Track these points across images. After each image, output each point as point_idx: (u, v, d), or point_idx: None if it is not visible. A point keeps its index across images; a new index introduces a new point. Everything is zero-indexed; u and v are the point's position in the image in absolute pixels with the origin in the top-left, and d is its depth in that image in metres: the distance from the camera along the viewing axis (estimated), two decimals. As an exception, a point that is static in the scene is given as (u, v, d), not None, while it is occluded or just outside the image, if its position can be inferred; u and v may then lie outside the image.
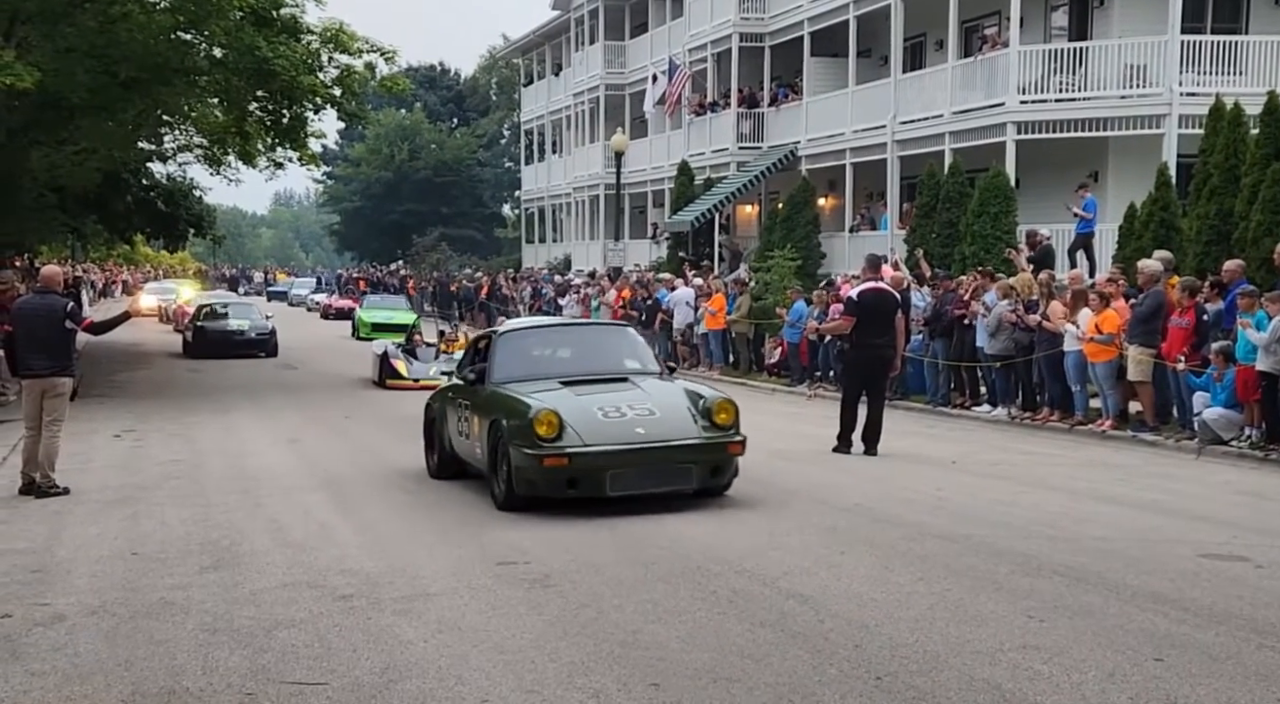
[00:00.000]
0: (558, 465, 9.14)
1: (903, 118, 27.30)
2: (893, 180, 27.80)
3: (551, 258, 47.03)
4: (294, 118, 23.88)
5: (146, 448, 14.06)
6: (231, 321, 28.93)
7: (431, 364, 20.96)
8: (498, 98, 72.49)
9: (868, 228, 28.93)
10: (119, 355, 27.73)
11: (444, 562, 8.04)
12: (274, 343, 28.37)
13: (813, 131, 30.85)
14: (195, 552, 8.45)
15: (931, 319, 17.39)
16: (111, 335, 14.53)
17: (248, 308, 31.28)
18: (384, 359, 21.25)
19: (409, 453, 13.66)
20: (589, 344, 10.96)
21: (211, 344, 27.77)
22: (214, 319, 29.25)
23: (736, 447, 9.53)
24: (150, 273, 71.76)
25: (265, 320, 29.31)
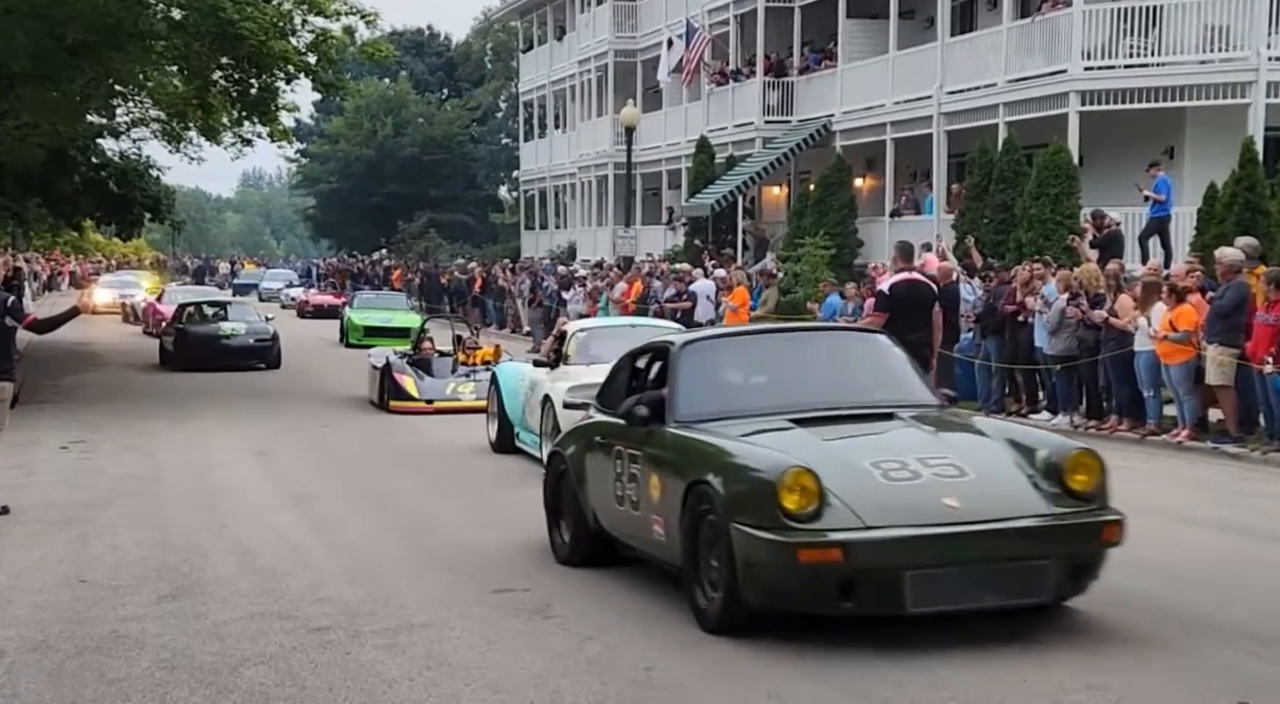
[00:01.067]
0: (824, 561, 6.32)
1: (951, 87, 27.25)
2: (939, 158, 27.74)
3: (554, 246, 47.03)
4: (263, 88, 23.92)
5: (97, 461, 14.08)
6: (223, 324, 26.23)
7: (449, 380, 18.47)
8: (493, 66, 72.58)
9: (911, 212, 28.88)
10: (66, 357, 27.77)
11: (432, 589, 8.05)
12: (276, 351, 25.69)
13: (849, 103, 30.81)
14: (151, 578, 8.46)
15: (983, 315, 17.36)
16: (57, 334, 14.56)
17: (242, 308, 29.07)
18: (386, 374, 18.51)
19: (393, 468, 13.69)
20: (819, 359, 8.24)
21: (197, 352, 25.09)
22: (200, 321, 26.71)
23: (1113, 530, 6.69)
24: (102, 263, 71.98)
25: (265, 323, 26.81)
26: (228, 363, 24.79)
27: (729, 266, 25.79)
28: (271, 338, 25.78)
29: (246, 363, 25.16)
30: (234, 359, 25.05)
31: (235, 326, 26.07)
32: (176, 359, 25.19)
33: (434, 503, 11.37)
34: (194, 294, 33.82)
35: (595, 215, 44.13)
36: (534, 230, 51.97)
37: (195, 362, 24.65)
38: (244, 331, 25.89)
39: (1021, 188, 23.15)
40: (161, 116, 30.32)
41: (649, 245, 36.93)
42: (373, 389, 19.28)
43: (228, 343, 25.48)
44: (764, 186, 34.94)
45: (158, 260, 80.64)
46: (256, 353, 25.51)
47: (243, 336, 25.73)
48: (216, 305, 28.61)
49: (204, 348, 25.14)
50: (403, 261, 51.91)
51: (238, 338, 25.66)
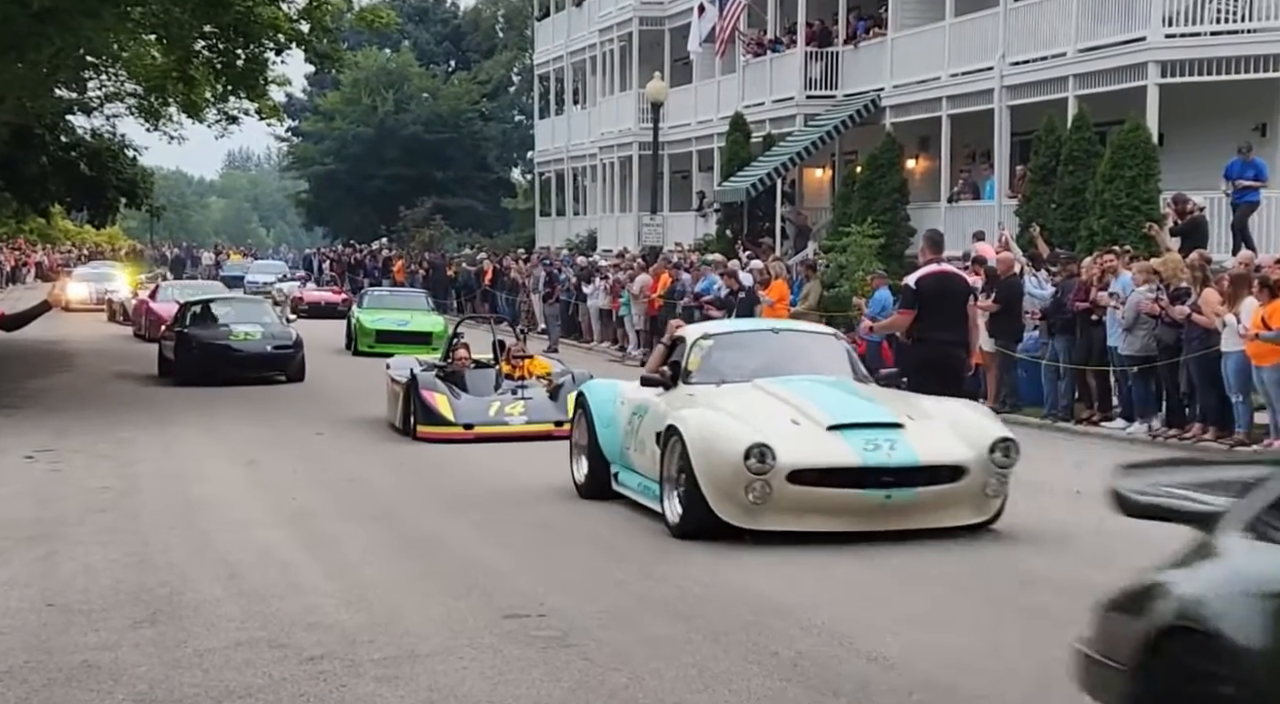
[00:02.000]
0: None
1: (1015, 57, 27.15)
2: (1001, 136, 27.66)
3: (572, 235, 47.08)
4: (250, 59, 24.03)
5: (66, 472, 14.13)
6: (235, 327, 24.01)
7: (492, 399, 16.44)
8: (505, 35, 72.68)
9: (969, 196, 28.80)
10: (32, 356, 27.92)
11: (438, 614, 8.05)
12: (299, 361, 23.67)
13: (900, 76, 30.73)
14: (126, 602, 8.48)
15: (1051, 311, 17.32)
16: (23, 332, 14.66)
17: (256, 307, 26.65)
18: (413, 392, 16.31)
19: (394, 478, 13.71)
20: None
21: (204, 361, 23.06)
22: (207, 324, 24.40)
23: None
24: (72, 253, 72.39)
25: (285, 326, 25.03)
26: (241, 374, 22.94)
27: (766, 258, 25.76)
28: (294, 344, 23.76)
29: (263, 374, 23.36)
30: (248, 370, 23.21)
31: (249, 330, 23.89)
32: (180, 370, 23.21)
33: (440, 518, 11.38)
34: (198, 291, 31.94)
35: (618, 201, 44.15)
36: (550, 217, 52.01)
37: (202, 372, 22.74)
38: (260, 336, 23.74)
39: (1094, 170, 23.04)
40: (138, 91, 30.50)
41: (677, 234, 36.94)
42: (394, 410, 17.21)
43: (241, 350, 23.44)
44: (805, 169, 34.87)
45: (134, 250, 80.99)
46: (275, 362, 23.59)
47: (259, 342, 23.64)
48: (227, 304, 26.51)
49: (212, 356, 23.16)
50: (405, 252, 52.01)
51: (253, 344, 23.59)
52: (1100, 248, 19.14)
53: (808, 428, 9.89)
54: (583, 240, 45.28)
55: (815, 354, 11.54)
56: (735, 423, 9.87)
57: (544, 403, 16.31)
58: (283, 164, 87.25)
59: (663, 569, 9.15)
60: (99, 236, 76.09)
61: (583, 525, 10.91)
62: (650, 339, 28.34)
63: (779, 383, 10.64)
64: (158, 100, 30.21)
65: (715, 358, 11.27)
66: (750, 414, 10.02)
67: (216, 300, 26.89)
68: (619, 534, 10.47)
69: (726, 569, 9.08)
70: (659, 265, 28.76)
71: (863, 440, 9.72)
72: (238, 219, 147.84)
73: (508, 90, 72.28)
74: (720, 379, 10.92)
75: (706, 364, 11.23)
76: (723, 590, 8.52)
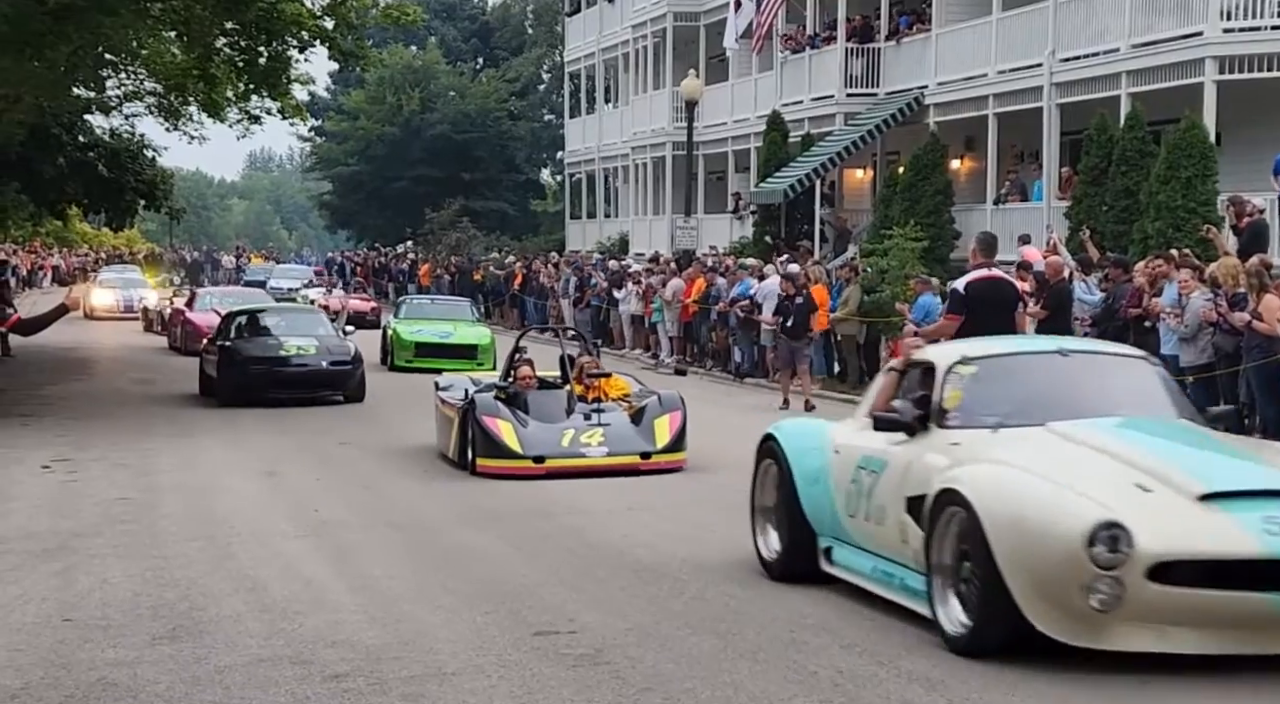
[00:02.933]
0: None
1: (1065, 53, 27.04)
2: (1050, 136, 27.55)
3: (603, 238, 47.10)
4: (273, 57, 24.12)
5: (84, 483, 14.20)
6: (286, 341, 22.23)
7: (565, 426, 14.37)
8: (534, 31, 72.82)
9: (1017, 198, 28.70)
10: (49, 362, 28.09)
11: (465, 630, 8.06)
12: (359, 378, 21.98)
13: (945, 73, 30.64)
14: (145, 617, 8.52)
15: (1102, 318, 17.22)
16: (40, 337, 14.75)
17: (309, 317, 24.83)
18: (471, 419, 14.30)
19: (420, 489, 13.74)
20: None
21: (251, 378, 21.31)
22: (254, 336, 22.76)
23: None
24: (89, 256, 72.77)
25: (341, 338, 23.05)
26: (294, 394, 21.29)
27: (805, 262, 25.72)
28: (352, 359, 21.95)
29: (318, 393, 21.64)
30: (301, 389, 21.46)
31: (303, 344, 22.02)
32: (224, 388, 21.50)
33: (468, 531, 11.39)
34: (240, 299, 30.70)
35: (651, 203, 44.14)
36: (580, 220, 52.04)
37: (249, 390, 21.08)
38: (314, 351, 21.87)
39: (1147, 170, 22.93)
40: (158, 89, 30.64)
41: (712, 237, 36.91)
42: (446, 438, 15.37)
43: (293, 367, 21.64)
44: (845, 170, 34.79)
45: (152, 253, 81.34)
46: (332, 380, 21.79)
47: (313, 358, 21.78)
48: (276, 314, 24.74)
49: (261, 373, 21.32)
50: (431, 255, 52.09)
51: (307, 359, 21.76)
52: (1154, 252, 19.02)
53: (1167, 498, 7.16)
54: (614, 244, 45.28)
55: (1125, 385, 8.80)
56: (1056, 489, 7.23)
57: (626, 430, 14.42)
58: (305, 165, 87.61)
59: (697, 585, 9.13)
60: (117, 239, 76.48)
61: (613, 539, 10.90)
62: (684, 346, 28.39)
63: (1090, 428, 7.94)
64: (178, 99, 30.34)
65: (984, 391, 8.49)
66: (1070, 474, 7.34)
67: (265, 310, 25.14)
68: (651, 549, 10.45)
69: (764, 585, 9.05)
70: (693, 270, 28.73)
71: (1259, 518, 7.04)
72: (259, 221, 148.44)
73: (537, 88, 72.38)
74: (997, 421, 8.16)
75: (972, 399, 8.43)
76: (760, 607, 8.51)
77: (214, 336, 23.37)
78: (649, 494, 13.12)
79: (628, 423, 14.53)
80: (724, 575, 9.42)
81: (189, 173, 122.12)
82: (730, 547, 10.14)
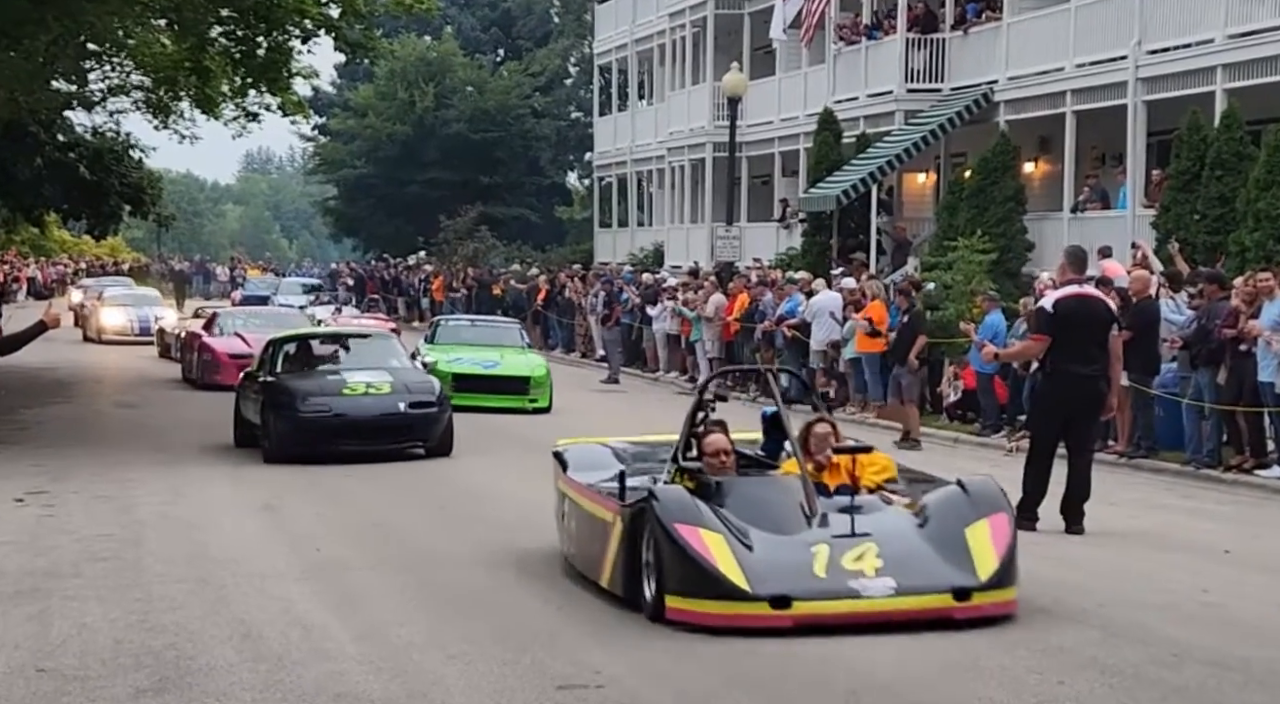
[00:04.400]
0: None
1: (1152, 45, 26.97)
2: (1135, 137, 27.47)
3: (635, 249, 47.14)
4: (273, 48, 24.27)
5: (62, 517, 14.22)
6: (348, 376, 19.12)
7: (810, 537, 9.48)
8: (561, 20, 73.06)
9: (1097, 205, 28.62)
10: (25, 384, 28.23)
11: (482, 683, 8.03)
12: (445, 424, 18.90)
13: (1017, 67, 30.60)
14: (129, 667, 8.50)
15: (1194, 340, 17.14)
16: (15, 357, 14.81)
17: (378, 345, 21.29)
18: (652, 528, 9.56)
19: (432, 525, 13.73)
20: None
21: (304, 425, 18.20)
22: (306, 370, 19.76)
23: None
24: (68, 268, 73.21)
25: (418, 369, 20.79)
26: (363, 445, 18.23)
27: (860, 275, 25.69)
28: (436, 400, 18.91)
29: (393, 444, 18.47)
30: (373, 439, 18.34)
31: (373, 380, 18.95)
32: (276, 441, 18.30)
33: (484, 574, 11.37)
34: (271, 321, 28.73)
35: (689, 209, 44.18)
36: (611, 228, 52.10)
37: (307, 441, 18.08)
38: (389, 389, 18.78)
39: (1245, 175, 22.85)
40: (146, 83, 30.85)
41: (757, 248, 36.91)
42: (590, 553, 10.77)
43: (359, 411, 18.49)
44: (905, 174, 34.77)
45: (138, 265, 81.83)
46: (411, 428, 18.67)
47: (388, 398, 18.68)
48: (333, 341, 21.81)
49: (319, 420, 18.18)
50: (446, 267, 52.24)
51: (376, 400, 18.68)
52: (1253, 266, 18.92)
53: None
54: (648, 255, 45.31)
55: None
56: None
57: (914, 545, 9.49)
58: (307, 167, 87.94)
59: (739, 637, 9.07)
60: (99, 249, 76.91)
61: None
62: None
63: None
64: (168, 94, 30.55)
65: None
66: None
67: (320, 336, 22.37)
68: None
69: (815, 636, 8.98)
70: (736, 284, 28.74)
71: None
72: (256, 229, 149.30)
73: (564, 83, 72.58)
74: None
75: None
76: (810, 662, 8.44)
77: (254, 370, 20.28)
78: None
79: (913, 531, 9.61)
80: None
81: (179, 175, 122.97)
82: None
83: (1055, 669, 8.18)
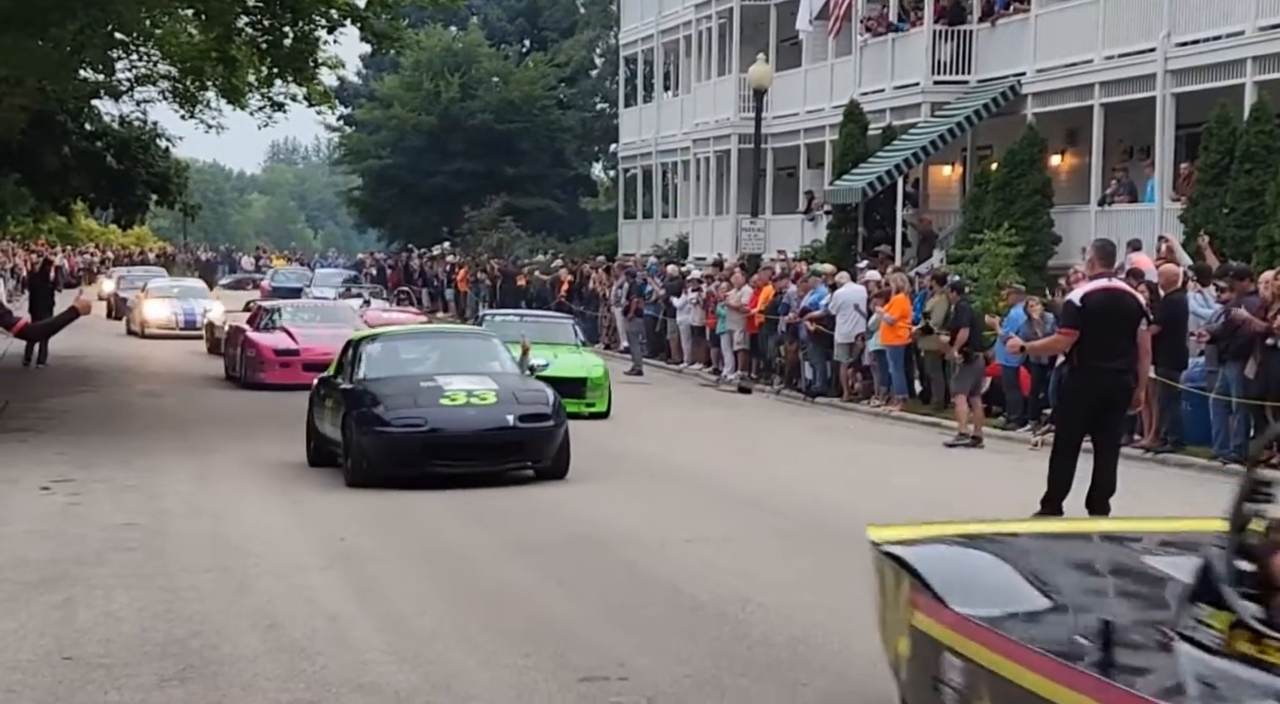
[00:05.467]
0: None
1: (1181, 37, 26.85)
2: (1164, 129, 27.36)
3: (660, 240, 47.09)
4: (299, 38, 24.32)
5: (87, 506, 14.28)
6: (446, 382, 16.32)
7: None
8: (587, 10, 73.02)
9: (1125, 199, 28.51)
10: (52, 372, 28.31)
11: (504, 674, 8.06)
12: (562, 439, 16.05)
13: (1044, 58, 30.49)
14: (154, 656, 8.55)
15: (1221, 334, 17.07)
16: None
17: (478, 346, 18.52)
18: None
19: (456, 516, 13.74)
20: None
21: (396, 442, 15.51)
22: (394, 376, 16.71)
23: None
24: (95, 256, 73.42)
25: (528, 377, 17.46)
26: (463, 468, 15.54)
27: (885, 268, 25.64)
28: (551, 411, 16.06)
29: (499, 465, 15.89)
30: (474, 460, 15.72)
31: (476, 389, 16.18)
32: (360, 459, 15.64)
33: (507, 563, 11.39)
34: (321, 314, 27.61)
35: (714, 201, 44.13)
36: (635, 220, 52.05)
37: (398, 461, 15.50)
38: (494, 399, 16.02)
39: (1275, 168, 22.75)
40: (173, 73, 30.90)
41: (781, 240, 36.85)
42: None
43: (460, 425, 15.68)
44: (931, 166, 34.66)
45: (165, 254, 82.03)
46: (521, 445, 15.86)
47: (492, 409, 15.88)
48: (424, 340, 19.18)
49: (413, 436, 15.49)
50: (471, 257, 52.25)
51: (480, 411, 15.85)
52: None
53: None
54: (672, 247, 45.26)
55: None
56: None
57: None
58: (333, 157, 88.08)
59: (762, 628, 9.07)
60: (126, 238, 77.15)
61: (667, 574, 10.86)
62: (750, 360, 28.35)
63: None
64: (194, 84, 30.61)
65: None
66: None
67: (407, 335, 19.95)
68: (708, 584, 10.41)
69: (840, 622, 8.96)
70: (760, 276, 28.70)
71: None
72: (281, 219, 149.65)
73: (589, 74, 72.56)
74: None
75: None
76: (834, 650, 8.43)
77: (330, 375, 17.78)
78: (708, 525, 13.08)
79: None
80: (790, 617, 9.37)
81: (205, 165, 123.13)
82: (800, 585, 10.08)
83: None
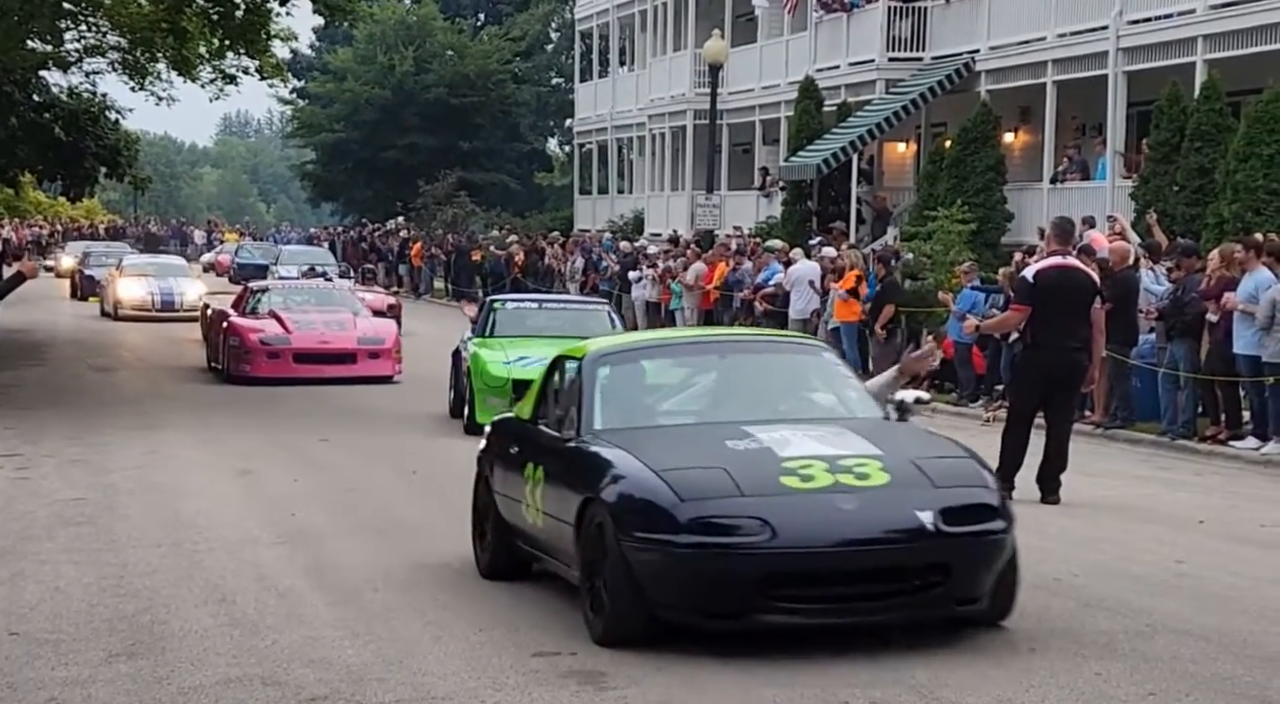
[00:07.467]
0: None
1: (1133, 14, 26.97)
2: (1116, 107, 27.49)
3: (615, 216, 47.08)
4: (251, 10, 24.15)
5: (35, 481, 14.20)
6: (767, 438, 8.59)
7: None
8: (542, -16, 72.78)
9: (1077, 176, 28.66)
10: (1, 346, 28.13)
11: (457, 649, 8.07)
12: (1007, 550, 8.37)
13: (998, 36, 30.58)
14: (102, 631, 8.53)
15: (1169, 312, 17.18)
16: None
17: (797, 362, 10.17)
18: None
19: (409, 493, 13.73)
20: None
21: (716, 580, 7.90)
22: (647, 417, 9.33)
23: None
24: (43, 229, 72.85)
25: (896, 421, 9.48)
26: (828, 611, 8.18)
27: (839, 244, 25.70)
28: (998, 506, 8.43)
29: (906, 610, 8.22)
30: (850, 600, 8.15)
31: (841, 453, 8.43)
32: (628, 592, 8.06)
33: (462, 540, 11.38)
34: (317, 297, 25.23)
35: (669, 177, 44.12)
36: (590, 195, 52.02)
37: (705, 599, 7.99)
38: (882, 479, 8.28)
39: (1225, 146, 22.87)
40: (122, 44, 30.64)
41: (737, 216, 36.89)
42: None
43: (829, 531, 8.01)
44: (886, 143, 34.75)
45: (115, 227, 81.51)
46: (946, 568, 8.13)
47: (884, 497, 8.23)
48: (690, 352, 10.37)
49: (744, 559, 7.94)
50: (425, 233, 52.12)
51: (866, 502, 8.17)
52: (1230, 237, 18.97)
53: None
54: (628, 222, 45.26)
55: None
56: None
57: None
58: (286, 131, 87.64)
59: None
60: (75, 211, 76.58)
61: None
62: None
63: None
64: (144, 55, 30.37)
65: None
66: None
67: (663, 347, 10.58)
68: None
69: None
70: (715, 252, 28.72)
71: None
72: (233, 193, 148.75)
73: (544, 49, 72.35)
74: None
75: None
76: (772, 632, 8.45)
77: (523, 418, 10.34)
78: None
79: None
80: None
81: (156, 137, 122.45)
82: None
83: (1027, 638, 8.22)
